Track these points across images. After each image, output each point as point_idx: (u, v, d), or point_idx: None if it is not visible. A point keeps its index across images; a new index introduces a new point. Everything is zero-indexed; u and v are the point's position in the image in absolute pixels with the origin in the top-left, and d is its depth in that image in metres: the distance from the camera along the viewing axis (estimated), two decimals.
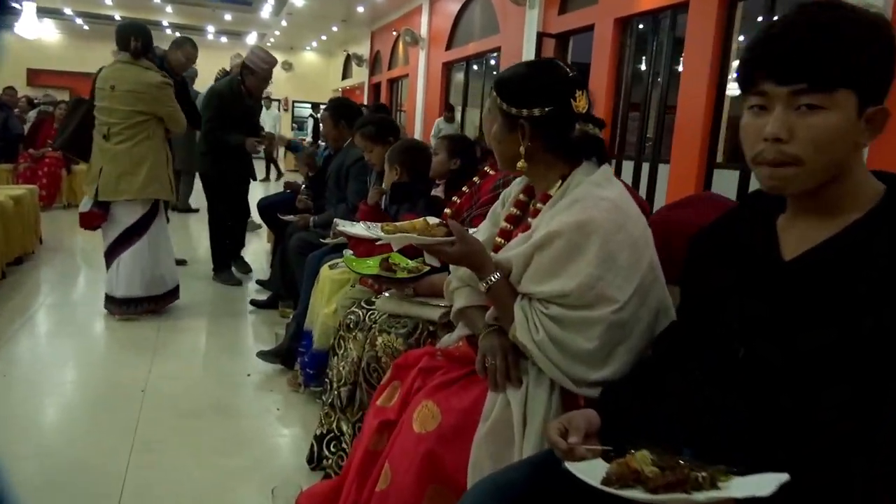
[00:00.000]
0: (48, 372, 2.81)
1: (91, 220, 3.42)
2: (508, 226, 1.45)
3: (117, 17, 15.83)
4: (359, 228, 2.36)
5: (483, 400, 1.29)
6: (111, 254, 3.44)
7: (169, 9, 15.94)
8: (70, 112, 3.41)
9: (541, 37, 8.16)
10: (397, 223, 1.39)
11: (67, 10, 16.27)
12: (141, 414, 2.40)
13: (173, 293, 3.68)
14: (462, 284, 1.48)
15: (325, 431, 2.03)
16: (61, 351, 3.12)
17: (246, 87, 4.16)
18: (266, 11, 15.05)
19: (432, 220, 1.42)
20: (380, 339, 1.74)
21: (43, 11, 16.32)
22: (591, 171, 1.31)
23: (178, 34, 18.64)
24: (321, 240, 3.14)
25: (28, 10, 14.80)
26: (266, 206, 4.47)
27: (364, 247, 2.28)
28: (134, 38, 3.35)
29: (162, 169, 3.58)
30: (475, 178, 2.05)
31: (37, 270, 4.60)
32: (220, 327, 3.57)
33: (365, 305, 2.05)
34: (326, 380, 2.12)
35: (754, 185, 0.97)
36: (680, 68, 6.05)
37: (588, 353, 1.19)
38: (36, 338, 3.32)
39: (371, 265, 1.99)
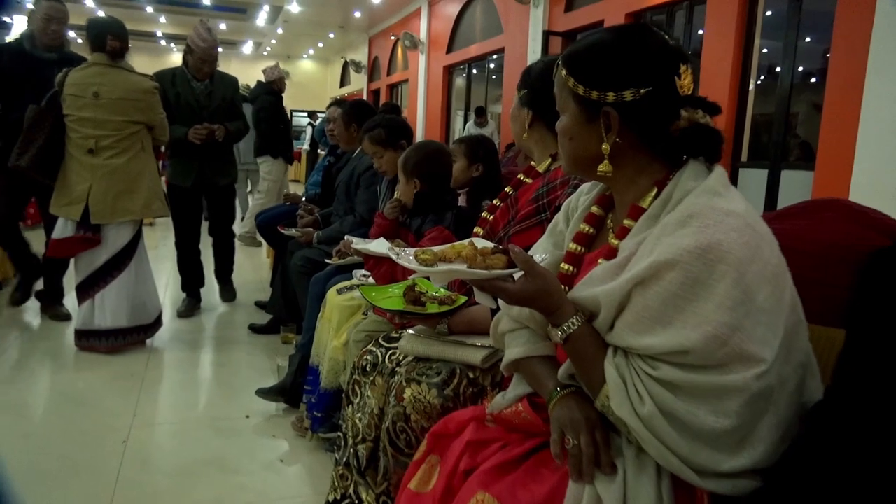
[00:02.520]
0: (13, 418, 2.45)
1: (76, 247, 3.04)
2: (579, 248, 1.10)
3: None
4: (378, 245, 2.01)
5: (562, 493, 0.94)
6: (91, 285, 3.06)
7: (162, 19, 15.65)
8: (34, 124, 2.94)
9: (547, 35, 7.84)
10: (436, 248, 1.04)
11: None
12: (120, 473, 2.04)
13: (158, 321, 3.33)
14: (518, 326, 1.13)
15: (339, 497, 1.67)
16: (33, 391, 2.76)
17: (190, 69, 3.66)
18: (261, 19, 14.75)
19: (481, 242, 1.07)
20: (408, 392, 1.38)
21: None
22: (701, 175, 0.96)
23: (173, 45, 18.33)
24: (326, 260, 2.79)
25: (19, 24, 14.60)
26: (265, 221, 4.11)
27: (386, 266, 1.93)
28: (111, 38, 3.00)
29: (158, 183, 3.27)
30: (508, 189, 1.70)
31: None
32: (215, 358, 3.21)
33: (384, 343, 1.69)
34: (339, 433, 1.76)
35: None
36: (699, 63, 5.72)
37: (719, 433, 0.84)
38: (4, 376, 2.93)
39: (394, 296, 1.62)
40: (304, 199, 4.17)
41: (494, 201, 1.72)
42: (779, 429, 0.86)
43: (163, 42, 18.50)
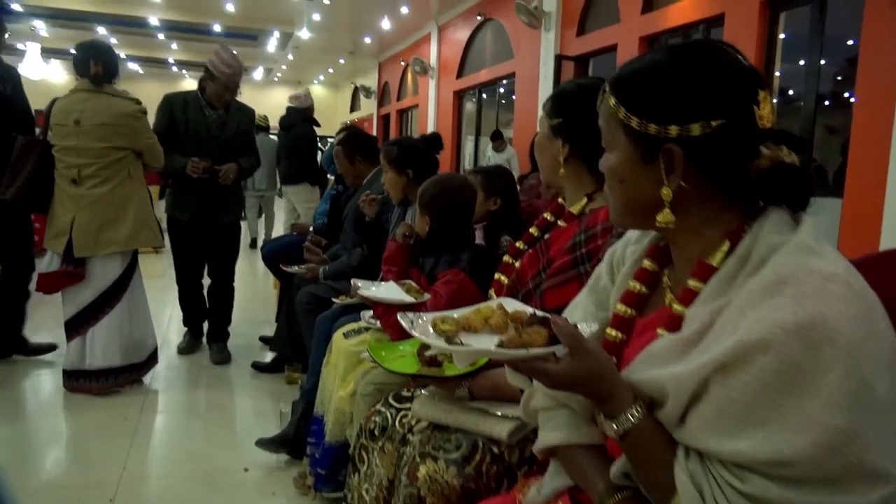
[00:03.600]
0: None
1: (60, 282, 2.88)
2: (628, 310, 0.91)
3: (123, 56, 15.68)
4: (388, 291, 1.83)
5: None
6: (80, 323, 2.89)
7: (174, 45, 15.75)
8: (21, 155, 2.81)
9: (559, 59, 7.73)
10: (457, 313, 0.86)
11: (73, 51, 16.11)
12: None
13: (153, 357, 3.15)
14: (554, 404, 0.94)
15: None
16: (16, 438, 2.56)
17: (206, 96, 3.32)
18: (272, 45, 14.80)
19: (511, 303, 0.89)
20: (422, 470, 1.19)
21: (49, 52, 16.20)
22: (786, 227, 0.77)
23: (185, 72, 18.53)
24: (333, 299, 2.61)
25: (32, 51, 14.68)
26: (270, 252, 3.95)
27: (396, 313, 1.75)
28: (94, 62, 2.85)
29: (148, 211, 3.10)
30: (534, 230, 1.50)
31: None
32: (215, 400, 3.01)
33: (394, 403, 1.50)
34: (344, 502, 1.57)
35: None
36: None
37: None
38: None
39: (407, 354, 1.44)
40: (311, 228, 4.01)
41: (518, 244, 1.52)
42: None
43: (174, 69, 18.62)
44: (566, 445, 0.91)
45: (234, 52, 3.41)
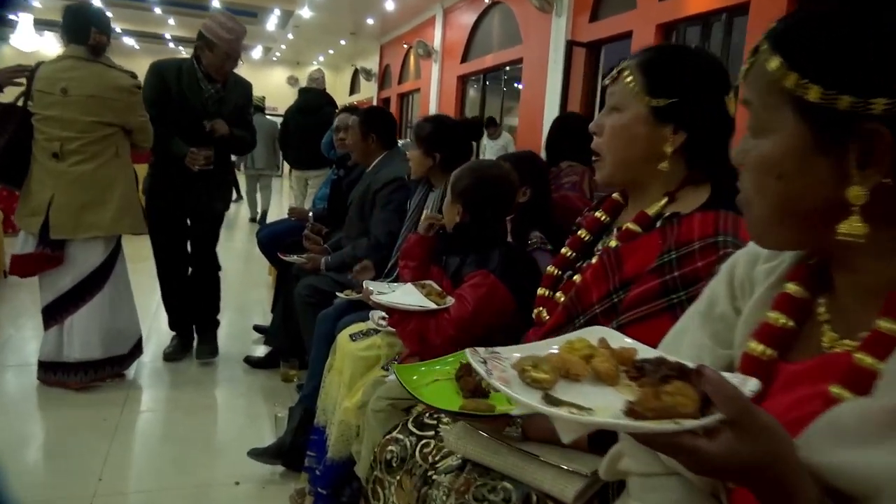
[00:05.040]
0: None
1: (36, 265, 2.62)
2: (767, 351, 0.67)
3: (118, 30, 15.25)
4: (406, 294, 1.58)
5: None
6: (58, 311, 2.64)
7: (171, 21, 15.33)
8: None
9: (571, 45, 7.45)
10: (549, 354, 0.62)
11: (65, 14, 15.63)
12: None
13: (137, 348, 2.90)
14: (660, 470, 0.70)
15: None
16: None
17: (204, 67, 2.89)
18: (272, 24, 14.42)
19: (613, 335, 0.66)
20: None
21: (42, 24, 15.73)
22: None
23: (181, 48, 18.22)
24: (337, 293, 2.36)
25: (25, 22, 14.23)
26: (266, 238, 3.69)
27: (415, 322, 1.50)
28: (97, 31, 2.58)
29: (134, 195, 2.84)
30: (583, 234, 1.22)
31: None
32: (204, 399, 2.77)
33: (415, 430, 1.26)
34: None
35: None
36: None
37: None
38: None
39: (442, 379, 1.16)
40: (311, 213, 3.75)
41: (565, 251, 1.25)
42: None
43: (171, 45, 18.18)
44: None
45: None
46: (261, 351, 3.30)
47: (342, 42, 16.01)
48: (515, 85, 10.36)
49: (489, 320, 1.52)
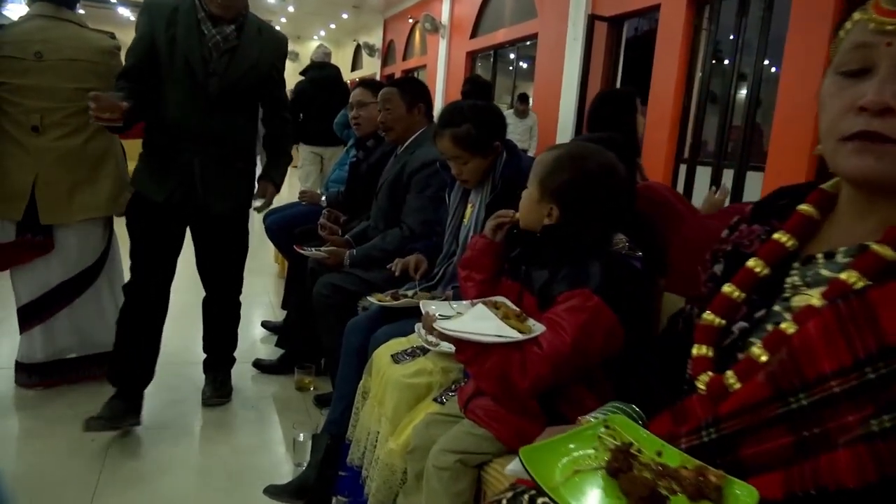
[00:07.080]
0: None
1: (20, 256, 2.26)
2: None
3: (113, 0, 14.64)
4: (478, 318, 1.20)
5: None
6: (46, 308, 2.28)
7: None
8: None
9: (592, 20, 7.02)
10: None
11: None
12: None
13: None
14: None
15: None
16: None
17: (208, 11, 2.02)
18: None
19: None
20: None
21: None
22: None
23: None
24: (367, 297, 2.00)
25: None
26: (275, 224, 3.32)
27: (495, 359, 1.14)
28: None
29: (125, 169, 2.48)
30: (757, 266, 0.79)
31: None
32: (207, 415, 2.37)
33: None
34: None
35: None
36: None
37: None
38: None
39: (585, 469, 0.78)
40: (324, 198, 3.37)
41: (730, 290, 0.82)
42: None
43: None
44: None
45: None
46: (269, 351, 2.95)
47: (344, 16, 15.47)
48: (521, 64, 9.93)
49: (592, 354, 1.16)
